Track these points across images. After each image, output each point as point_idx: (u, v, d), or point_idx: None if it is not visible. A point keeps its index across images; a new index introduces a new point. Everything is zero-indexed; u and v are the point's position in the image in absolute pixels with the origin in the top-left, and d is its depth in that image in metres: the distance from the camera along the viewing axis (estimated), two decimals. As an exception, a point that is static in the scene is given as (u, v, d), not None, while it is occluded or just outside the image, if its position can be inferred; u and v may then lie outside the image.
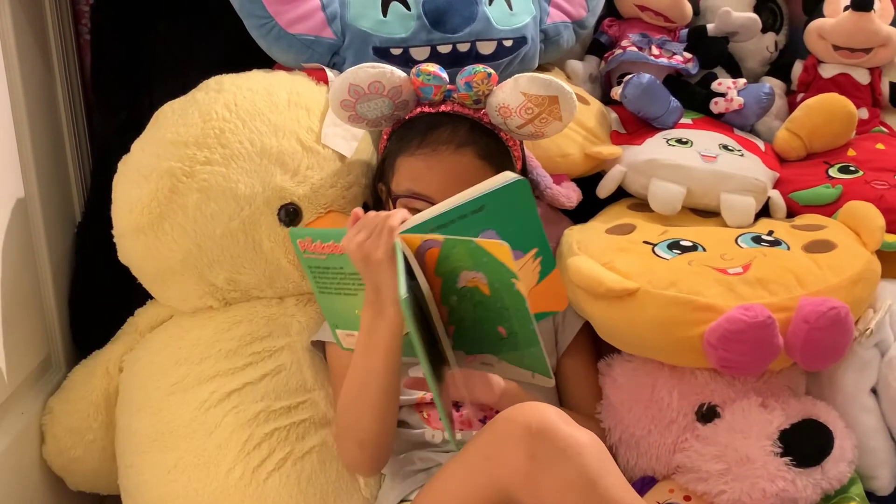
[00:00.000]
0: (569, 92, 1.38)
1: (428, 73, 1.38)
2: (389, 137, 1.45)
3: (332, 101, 1.41)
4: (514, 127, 1.42)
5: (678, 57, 1.81)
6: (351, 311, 1.25)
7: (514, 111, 1.39)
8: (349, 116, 1.42)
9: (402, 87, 1.39)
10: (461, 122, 1.40)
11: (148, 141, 1.46)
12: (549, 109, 1.40)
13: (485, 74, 1.38)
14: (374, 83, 1.37)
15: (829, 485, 1.33)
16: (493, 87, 1.40)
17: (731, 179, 1.58)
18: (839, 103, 1.72)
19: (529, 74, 1.38)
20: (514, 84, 1.37)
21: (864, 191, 1.58)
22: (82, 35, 1.84)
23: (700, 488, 1.35)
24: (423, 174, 1.38)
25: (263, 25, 1.55)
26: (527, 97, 1.38)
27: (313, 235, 1.22)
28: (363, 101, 1.39)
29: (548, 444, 1.10)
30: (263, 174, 1.43)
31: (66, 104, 1.77)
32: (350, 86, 1.37)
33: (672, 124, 1.71)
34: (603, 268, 1.40)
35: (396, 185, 1.41)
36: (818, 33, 1.81)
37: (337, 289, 1.25)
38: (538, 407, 1.14)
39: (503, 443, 1.12)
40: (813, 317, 1.29)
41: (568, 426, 1.11)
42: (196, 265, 1.44)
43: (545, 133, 1.44)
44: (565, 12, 1.72)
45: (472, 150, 1.38)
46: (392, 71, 1.37)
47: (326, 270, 1.24)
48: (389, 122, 1.45)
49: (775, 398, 1.38)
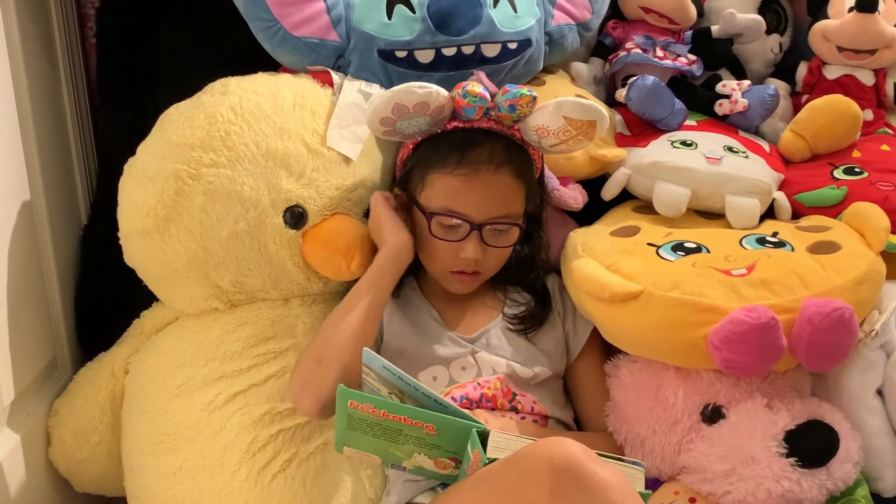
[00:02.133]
0: (606, 116, 1.42)
1: (474, 94, 1.38)
2: (417, 147, 1.45)
3: (371, 115, 1.39)
4: (547, 146, 1.45)
5: (682, 59, 1.81)
6: (384, 448, 1.25)
7: (552, 133, 1.41)
8: (385, 131, 1.42)
9: (445, 105, 1.39)
10: (498, 141, 1.41)
11: (153, 143, 1.47)
12: (585, 132, 1.42)
13: (530, 98, 1.39)
14: (420, 104, 1.36)
15: (835, 486, 1.33)
16: (535, 109, 1.41)
17: (736, 181, 1.58)
18: (844, 105, 1.72)
19: (574, 100, 1.39)
20: (557, 108, 1.39)
21: (868, 192, 1.58)
22: (88, 38, 1.84)
23: (705, 489, 1.35)
24: (462, 193, 1.39)
25: (268, 28, 1.55)
26: (568, 121, 1.40)
27: (372, 402, 1.20)
28: (404, 119, 1.39)
29: (572, 481, 1.08)
30: (269, 176, 1.43)
31: (71, 107, 1.77)
32: (396, 105, 1.36)
33: (676, 126, 1.71)
34: (607, 271, 1.40)
35: (428, 199, 1.42)
36: (823, 35, 1.82)
37: (377, 435, 1.23)
38: (563, 443, 1.11)
39: (526, 478, 1.11)
40: (817, 318, 1.29)
41: (593, 463, 1.09)
42: (201, 267, 1.45)
43: (573, 150, 1.47)
44: (570, 14, 1.72)
45: (509, 169, 1.40)
46: (438, 91, 1.37)
47: (376, 425, 1.22)
48: (422, 135, 1.45)
49: (780, 399, 1.38)
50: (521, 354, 1.45)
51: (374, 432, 1.23)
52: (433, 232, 1.41)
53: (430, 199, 1.42)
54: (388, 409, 1.19)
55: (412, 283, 1.52)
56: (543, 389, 1.46)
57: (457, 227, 1.41)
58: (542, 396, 1.44)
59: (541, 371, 1.45)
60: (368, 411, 1.20)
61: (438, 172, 1.41)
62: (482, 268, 1.44)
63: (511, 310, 1.50)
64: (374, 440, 1.24)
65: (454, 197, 1.40)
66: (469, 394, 1.40)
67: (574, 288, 1.45)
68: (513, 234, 1.44)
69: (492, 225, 1.41)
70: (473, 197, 1.39)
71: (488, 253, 1.43)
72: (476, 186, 1.39)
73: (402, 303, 1.50)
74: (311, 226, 1.46)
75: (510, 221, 1.42)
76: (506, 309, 1.50)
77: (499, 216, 1.41)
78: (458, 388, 1.41)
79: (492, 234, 1.42)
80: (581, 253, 1.47)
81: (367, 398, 1.20)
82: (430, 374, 1.43)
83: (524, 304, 1.51)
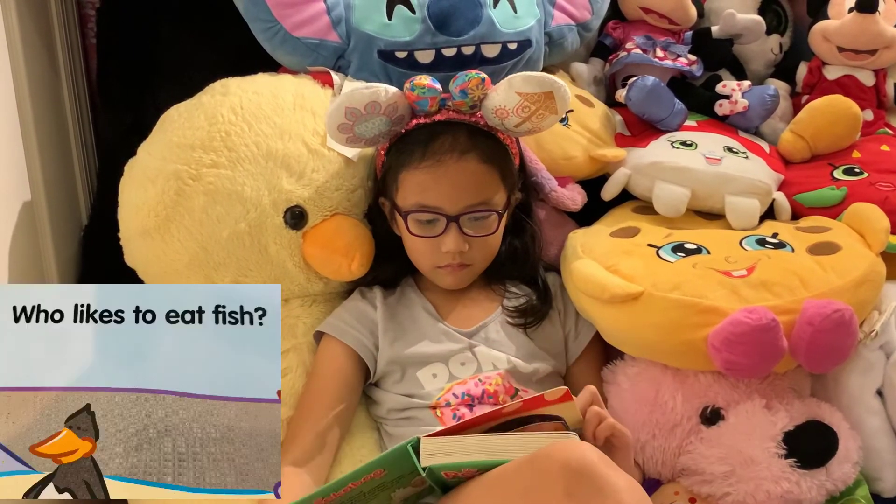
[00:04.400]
0: (561, 85, 1.39)
1: (422, 86, 1.39)
2: (388, 152, 1.46)
3: (329, 126, 1.40)
4: (512, 126, 1.43)
5: (682, 59, 1.81)
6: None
7: (510, 111, 1.40)
8: (347, 139, 1.42)
9: (398, 102, 1.39)
10: (459, 129, 1.41)
11: (154, 144, 1.47)
12: (545, 105, 1.41)
13: (478, 80, 1.39)
14: (370, 104, 1.36)
15: (834, 486, 1.33)
16: (488, 91, 1.40)
17: (736, 182, 1.58)
18: (844, 105, 1.72)
19: (522, 74, 1.38)
20: (509, 85, 1.38)
21: (868, 192, 1.58)
22: (88, 38, 1.85)
23: (704, 490, 1.35)
24: (430, 186, 1.39)
25: (269, 29, 1.55)
26: (522, 96, 1.38)
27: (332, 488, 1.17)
28: (360, 122, 1.39)
29: (586, 483, 1.09)
30: (269, 177, 1.43)
31: (72, 107, 1.77)
32: (346, 109, 1.36)
33: (676, 126, 1.71)
34: (607, 272, 1.40)
35: (403, 199, 1.42)
36: (823, 35, 1.82)
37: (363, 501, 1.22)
38: (580, 446, 1.13)
39: (542, 478, 1.12)
40: (817, 319, 1.30)
41: (607, 468, 1.10)
42: (202, 268, 1.45)
43: (542, 128, 1.46)
44: (569, 15, 1.72)
45: (475, 155, 1.40)
46: (386, 89, 1.37)
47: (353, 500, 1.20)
48: (387, 139, 1.45)
49: (780, 400, 1.38)
50: (521, 350, 1.45)
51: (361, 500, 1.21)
52: (411, 230, 1.42)
53: (404, 198, 1.42)
54: (333, 489, 1.16)
55: (409, 281, 1.52)
56: (545, 385, 1.45)
57: (434, 223, 1.41)
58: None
59: (541, 367, 1.45)
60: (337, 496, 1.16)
61: (406, 170, 1.41)
62: (470, 259, 1.44)
63: (511, 302, 1.49)
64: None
65: (424, 191, 1.40)
66: (470, 390, 1.40)
67: (574, 289, 1.45)
68: (491, 221, 1.43)
69: (467, 214, 1.40)
70: (442, 187, 1.39)
71: (472, 244, 1.42)
72: (442, 176, 1.39)
73: (394, 305, 1.49)
74: (312, 226, 1.46)
75: (486, 209, 1.41)
76: (505, 301, 1.50)
77: (472, 204, 1.40)
78: (459, 385, 1.41)
79: (470, 224, 1.41)
80: (581, 254, 1.47)
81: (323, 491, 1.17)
82: (430, 370, 1.43)
83: (524, 296, 1.50)
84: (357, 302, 1.49)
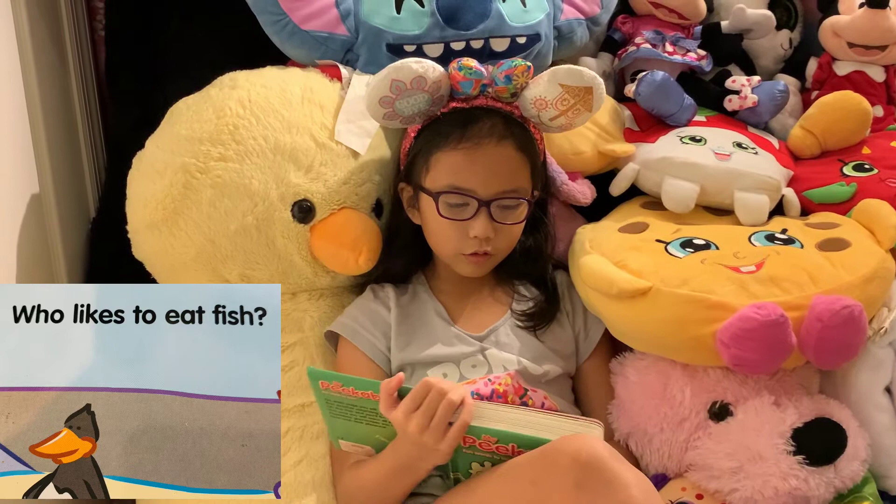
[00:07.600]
0: (602, 82, 1.42)
1: (469, 67, 1.39)
2: (419, 135, 1.45)
3: (370, 97, 1.40)
4: (547, 119, 1.44)
5: (692, 54, 1.81)
6: (370, 435, 1.26)
7: (549, 103, 1.41)
8: (385, 114, 1.41)
9: (442, 81, 1.40)
10: (496, 116, 1.42)
11: (162, 137, 1.47)
12: (583, 100, 1.42)
13: (524, 67, 1.40)
14: (417, 78, 1.37)
15: (843, 483, 1.33)
16: (530, 81, 1.41)
17: (745, 177, 1.57)
18: (854, 101, 1.71)
19: (567, 67, 1.40)
20: (552, 76, 1.39)
21: (878, 189, 1.58)
22: (97, 31, 1.85)
23: (712, 486, 1.35)
24: (466, 167, 1.39)
25: (277, 22, 1.55)
26: (564, 88, 1.40)
27: (339, 380, 1.21)
28: (403, 98, 1.39)
29: (596, 475, 1.11)
30: (277, 171, 1.43)
31: (80, 100, 1.77)
32: (393, 81, 1.37)
33: (686, 122, 1.71)
34: (615, 267, 1.39)
35: (433, 181, 1.41)
36: (833, 30, 1.81)
37: (358, 419, 1.24)
38: (589, 440, 1.15)
39: (551, 470, 1.14)
40: (826, 315, 1.29)
41: (617, 462, 1.13)
42: (210, 261, 1.45)
43: (574, 124, 1.47)
44: (579, 9, 1.72)
45: (511, 142, 1.40)
46: (434, 66, 1.38)
47: (351, 406, 1.23)
48: (422, 119, 1.45)
49: (788, 396, 1.38)
50: (531, 352, 1.45)
51: (356, 417, 1.23)
52: (441, 212, 1.41)
53: (435, 179, 1.41)
54: (356, 386, 1.19)
55: (420, 279, 1.52)
56: (553, 387, 1.45)
57: (464, 206, 1.40)
58: (552, 393, 1.44)
59: (551, 369, 1.44)
60: (338, 390, 1.20)
61: (441, 151, 1.41)
62: (494, 248, 1.43)
63: (519, 306, 1.49)
64: (359, 426, 1.24)
65: (459, 172, 1.39)
66: (479, 389, 1.40)
67: (582, 284, 1.45)
68: (521, 210, 1.43)
69: (499, 200, 1.40)
70: (478, 171, 1.39)
71: (499, 232, 1.42)
72: (480, 159, 1.39)
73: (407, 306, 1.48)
74: (319, 220, 1.46)
75: (518, 196, 1.42)
76: (514, 305, 1.50)
77: (505, 190, 1.40)
78: (468, 385, 1.40)
79: (500, 211, 1.41)
80: (589, 249, 1.47)
81: (334, 376, 1.20)
82: (440, 371, 1.43)
83: (532, 299, 1.50)
84: (370, 302, 1.49)
